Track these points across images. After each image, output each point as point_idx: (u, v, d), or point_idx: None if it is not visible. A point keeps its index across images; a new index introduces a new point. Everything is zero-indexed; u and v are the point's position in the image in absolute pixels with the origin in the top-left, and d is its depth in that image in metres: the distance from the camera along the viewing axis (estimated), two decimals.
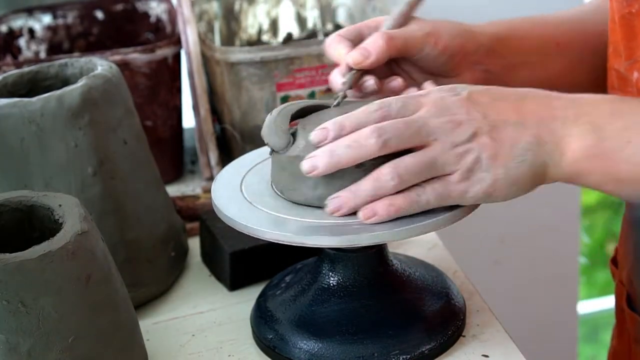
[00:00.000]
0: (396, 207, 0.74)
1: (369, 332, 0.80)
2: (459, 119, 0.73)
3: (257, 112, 1.12)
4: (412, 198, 0.73)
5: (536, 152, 0.73)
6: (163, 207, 0.95)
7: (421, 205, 0.74)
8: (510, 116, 0.74)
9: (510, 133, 0.73)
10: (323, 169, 0.74)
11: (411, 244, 0.98)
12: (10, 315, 0.69)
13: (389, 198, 0.74)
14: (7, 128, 0.84)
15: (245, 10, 1.28)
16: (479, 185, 0.73)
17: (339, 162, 0.74)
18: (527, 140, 0.73)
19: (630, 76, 0.87)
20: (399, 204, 0.73)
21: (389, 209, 0.73)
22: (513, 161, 0.73)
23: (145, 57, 1.10)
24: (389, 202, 0.73)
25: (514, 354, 0.82)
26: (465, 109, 0.74)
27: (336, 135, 0.74)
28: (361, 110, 0.75)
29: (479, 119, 0.74)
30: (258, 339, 0.85)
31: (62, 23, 1.24)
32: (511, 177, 0.73)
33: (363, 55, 0.83)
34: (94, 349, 0.73)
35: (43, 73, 0.93)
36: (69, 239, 0.71)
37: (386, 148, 0.73)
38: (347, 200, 0.75)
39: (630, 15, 0.85)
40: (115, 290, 0.76)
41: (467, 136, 0.73)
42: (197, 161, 1.20)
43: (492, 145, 0.73)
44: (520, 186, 0.74)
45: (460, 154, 0.73)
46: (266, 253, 0.94)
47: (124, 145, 0.90)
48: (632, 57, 0.86)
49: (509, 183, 0.73)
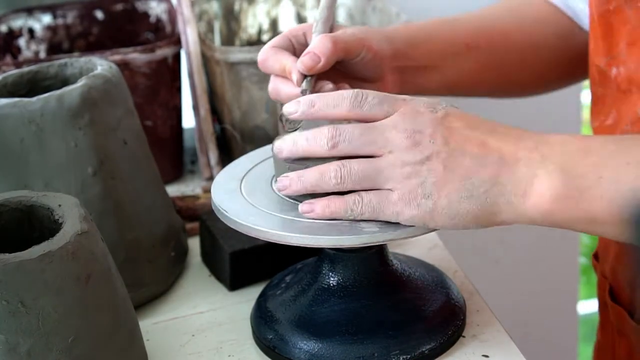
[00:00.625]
0: (331, 210, 0.75)
1: (369, 332, 0.80)
2: (418, 139, 0.72)
3: (257, 112, 1.12)
4: (347, 205, 0.74)
5: (488, 191, 0.71)
6: (163, 207, 0.95)
7: (355, 215, 0.75)
8: (473, 148, 0.72)
9: (467, 165, 0.72)
10: (286, 154, 0.77)
11: (411, 244, 0.98)
12: (10, 315, 0.69)
13: (328, 199, 0.75)
14: (7, 128, 0.84)
15: (245, 10, 1.28)
16: (416, 210, 0.72)
17: (297, 151, 0.76)
18: (480, 177, 0.71)
19: (609, 72, 0.87)
20: (335, 209, 0.75)
21: (324, 209, 0.75)
22: (459, 194, 0.71)
23: (145, 57, 1.10)
24: (327, 202, 0.75)
25: (514, 354, 0.82)
26: (432, 129, 0.73)
27: (304, 111, 0.76)
28: (337, 93, 0.76)
29: (440, 144, 0.72)
30: (258, 339, 0.85)
31: (62, 23, 1.24)
32: (452, 210, 0.72)
33: (314, 60, 0.83)
34: (94, 349, 0.73)
35: (43, 73, 0.93)
36: (68, 239, 0.71)
37: (336, 150, 0.74)
38: (292, 183, 0.76)
39: (608, 12, 0.85)
40: (115, 290, 0.76)
41: (419, 158, 0.72)
42: (197, 161, 1.20)
43: (443, 173, 0.72)
44: (460, 221, 0.72)
45: (407, 173, 0.72)
46: (266, 253, 0.94)
47: (124, 145, 0.89)
48: (610, 53, 0.86)
49: (449, 216, 0.72)
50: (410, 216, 0.73)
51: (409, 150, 0.72)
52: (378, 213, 0.74)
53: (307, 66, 0.83)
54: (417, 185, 0.72)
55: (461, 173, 0.72)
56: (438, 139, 0.72)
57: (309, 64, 0.83)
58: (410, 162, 0.72)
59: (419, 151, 0.72)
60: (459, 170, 0.72)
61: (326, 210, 0.75)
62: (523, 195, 0.71)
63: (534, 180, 0.71)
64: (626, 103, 0.86)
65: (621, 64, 0.86)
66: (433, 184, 0.72)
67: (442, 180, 0.72)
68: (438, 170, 0.72)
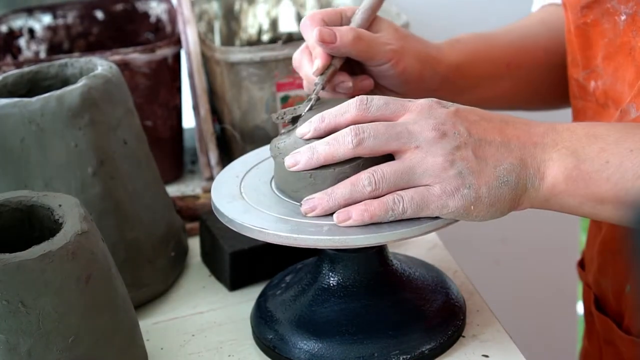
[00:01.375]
0: (370, 213, 0.73)
1: (369, 332, 0.80)
2: (443, 130, 0.73)
3: (257, 112, 1.12)
4: (388, 205, 0.73)
5: (519, 174, 0.73)
6: (163, 207, 0.95)
7: (397, 214, 0.73)
8: (495, 137, 0.73)
9: (494, 153, 0.73)
10: (303, 165, 0.75)
11: (411, 244, 0.98)
12: (11, 315, 0.69)
13: (365, 203, 0.73)
14: (7, 128, 0.84)
15: (245, 10, 1.28)
16: (461, 201, 0.72)
17: (318, 158, 0.75)
18: (510, 162, 0.73)
19: (588, 85, 0.87)
20: (374, 211, 0.73)
21: (363, 214, 0.73)
22: (496, 181, 0.72)
23: (145, 57, 1.10)
24: (364, 207, 0.73)
25: (514, 354, 0.82)
26: (452, 121, 0.73)
27: (316, 127, 0.76)
28: (343, 103, 0.76)
29: (464, 135, 0.73)
30: (258, 339, 0.85)
31: (62, 23, 1.24)
32: (493, 197, 0.72)
33: (330, 37, 0.81)
34: (94, 349, 0.73)
35: (43, 73, 0.93)
36: (69, 239, 0.71)
37: (361, 147, 0.73)
38: (322, 202, 0.75)
39: (585, 25, 0.85)
40: (115, 290, 0.76)
41: (449, 148, 0.72)
42: (197, 161, 1.20)
43: (475, 162, 0.72)
44: (499, 208, 0.73)
45: (441, 166, 0.72)
46: (266, 253, 0.94)
47: (124, 145, 0.90)
48: (588, 67, 0.86)
49: (490, 203, 0.73)
50: (455, 208, 0.72)
51: (437, 142, 0.72)
52: (422, 209, 0.73)
53: (321, 36, 0.81)
54: (455, 176, 0.72)
55: (492, 161, 0.73)
56: (461, 129, 0.73)
57: (324, 36, 0.81)
58: (442, 153, 0.72)
59: (447, 142, 0.72)
60: (489, 158, 0.73)
61: (365, 215, 0.73)
62: (542, 177, 0.73)
63: (549, 164, 0.73)
64: (606, 117, 0.86)
65: (599, 77, 0.86)
66: (470, 174, 0.72)
67: (477, 170, 0.72)
68: (470, 159, 0.72)
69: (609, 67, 0.84)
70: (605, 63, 0.84)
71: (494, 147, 0.73)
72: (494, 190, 0.72)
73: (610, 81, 0.84)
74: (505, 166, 0.72)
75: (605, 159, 0.71)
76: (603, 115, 0.86)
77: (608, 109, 0.86)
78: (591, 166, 0.72)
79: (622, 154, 0.71)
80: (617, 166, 0.71)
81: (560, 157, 0.72)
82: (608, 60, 0.84)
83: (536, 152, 0.73)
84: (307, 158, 0.75)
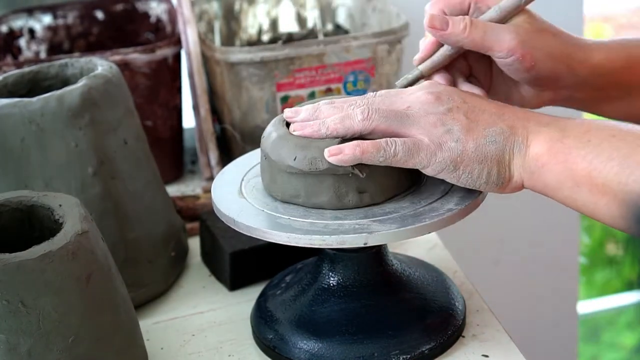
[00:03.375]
0: (362, 148, 0.75)
1: (369, 332, 0.80)
2: (438, 94, 0.77)
3: (257, 112, 1.12)
4: (380, 145, 0.75)
5: (507, 138, 0.75)
6: (163, 207, 0.95)
7: (388, 155, 0.75)
8: (490, 108, 0.77)
9: (487, 118, 0.76)
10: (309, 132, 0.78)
11: (411, 244, 0.98)
12: (11, 315, 0.69)
13: (358, 142, 0.75)
14: (7, 128, 0.84)
15: (245, 10, 1.28)
16: (448, 152, 0.75)
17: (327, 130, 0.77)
18: (500, 126, 0.75)
19: None
20: (366, 147, 0.75)
21: (355, 149, 0.75)
22: (484, 139, 0.75)
23: (145, 57, 1.10)
24: (357, 143, 0.75)
25: (514, 354, 0.82)
26: (449, 92, 0.78)
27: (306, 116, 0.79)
28: None
29: (459, 102, 0.77)
30: (258, 339, 0.85)
31: (62, 23, 1.24)
32: (480, 153, 0.75)
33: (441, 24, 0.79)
34: (94, 349, 0.73)
35: (43, 73, 0.93)
36: (69, 239, 0.71)
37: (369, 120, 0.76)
38: (317, 127, 0.77)
39: None
40: (115, 290, 0.76)
41: (442, 109, 0.76)
42: (197, 161, 1.20)
43: (466, 122, 0.75)
44: (484, 167, 0.75)
45: (432, 122, 0.75)
46: (266, 253, 0.94)
47: (124, 145, 0.90)
48: None
49: (476, 159, 0.75)
50: (443, 159, 0.75)
51: (430, 103, 0.76)
52: (413, 155, 0.75)
53: (431, 22, 0.80)
54: (444, 132, 0.75)
55: (482, 123, 0.76)
56: (456, 98, 0.77)
57: (434, 23, 0.80)
58: (434, 112, 0.76)
59: (440, 104, 0.77)
60: (480, 121, 0.76)
61: (357, 150, 0.75)
62: (528, 145, 0.75)
63: (537, 135, 0.75)
64: None
65: None
66: (459, 131, 0.75)
67: (466, 128, 0.75)
68: (461, 119, 0.76)
69: None
70: None
71: (486, 114, 0.76)
72: (481, 147, 0.75)
73: None
74: (494, 129, 0.75)
75: (587, 139, 0.73)
76: None
77: None
78: (573, 142, 0.73)
79: (603, 137, 0.72)
80: (595, 146, 0.72)
81: (550, 130, 0.75)
82: None
83: (528, 125, 0.76)
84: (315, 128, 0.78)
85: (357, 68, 1.12)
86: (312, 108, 0.80)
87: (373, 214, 0.77)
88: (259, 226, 0.76)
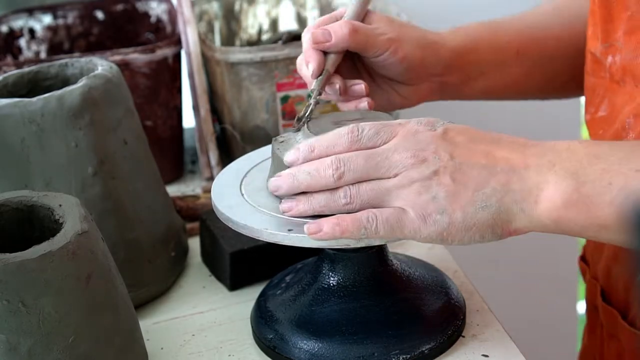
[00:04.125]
0: (342, 228, 0.72)
1: (369, 332, 0.80)
2: (423, 156, 0.72)
3: (257, 112, 1.12)
4: (361, 223, 0.72)
5: (501, 199, 0.70)
6: (163, 207, 0.95)
7: (369, 233, 0.72)
8: (480, 159, 0.71)
9: (476, 176, 0.71)
10: (285, 190, 0.76)
11: (411, 244, 0.98)
12: (11, 315, 0.69)
13: (338, 217, 0.73)
14: (7, 128, 0.84)
15: (245, 10, 1.28)
16: (433, 227, 0.71)
17: (299, 186, 0.75)
18: (492, 187, 0.70)
19: (604, 60, 0.86)
20: (346, 226, 0.72)
21: (334, 228, 0.72)
22: (473, 206, 0.70)
23: (146, 57, 1.10)
24: (336, 221, 0.73)
25: (514, 354, 0.82)
26: (434, 146, 0.72)
27: (305, 157, 0.75)
28: (333, 133, 0.75)
29: (445, 159, 0.71)
30: (258, 339, 0.85)
31: (62, 23, 1.24)
32: (468, 222, 0.71)
33: (324, 36, 0.83)
34: (94, 349, 0.73)
35: (43, 73, 0.93)
36: (69, 239, 0.71)
37: (342, 181, 0.73)
38: (300, 204, 0.75)
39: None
40: (115, 290, 0.76)
41: (427, 174, 0.71)
42: (197, 161, 1.20)
43: (453, 186, 0.71)
44: (477, 233, 0.71)
45: (416, 190, 0.71)
46: (266, 253, 0.94)
47: (124, 145, 0.90)
48: (607, 40, 0.85)
49: (465, 228, 0.71)
50: (428, 233, 0.71)
51: (415, 168, 0.71)
52: (395, 231, 0.72)
53: (315, 39, 0.83)
54: (428, 201, 0.71)
55: (472, 185, 0.71)
56: (442, 154, 0.72)
57: (318, 38, 0.83)
58: (418, 178, 0.71)
59: (425, 167, 0.71)
60: (469, 182, 0.71)
61: (336, 230, 0.72)
62: (535, 201, 0.70)
63: (545, 186, 0.70)
64: (620, 94, 0.85)
65: (617, 52, 0.84)
66: (445, 199, 0.70)
67: (453, 194, 0.70)
68: (447, 184, 0.71)
69: (630, 41, 0.82)
70: (626, 37, 0.83)
71: (475, 171, 0.71)
72: (470, 215, 0.70)
73: (630, 56, 0.82)
74: (485, 190, 0.70)
75: (608, 181, 0.68)
76: (617, 92, 0.85)
77: (624, 85, 0.84)
78: (592, 189, 0.68)
79: (626, 175, 0.68)
80: (620, 188, 0.68)
81: (558, 179, 0.69)
82: (629, 34, 0.82)
83: (528, 175, 0.70)
84: (288, 184, 0.75)
85: None
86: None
87: None
88: (258, 226, 0.76)
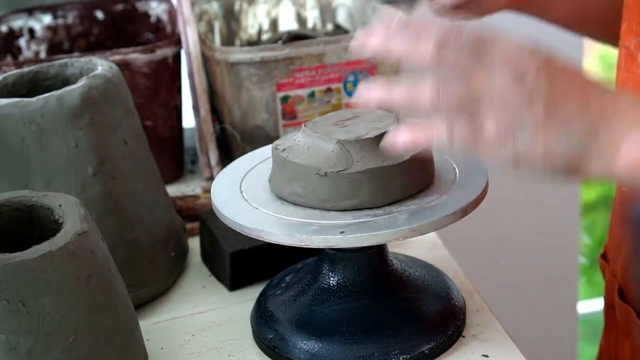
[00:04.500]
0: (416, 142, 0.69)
1: (369, 332, 0.80)
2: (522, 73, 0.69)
3: (257, 112, 1.12)
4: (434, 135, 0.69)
5: (585, 140, 0.69)
6: (163, 207, 0.95)
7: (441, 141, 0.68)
8: (575, 97, 0.70)
9: (567, 112, 0.69)
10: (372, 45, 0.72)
11: (411, 244, 0.98)
12: (11, 315, 0.69)
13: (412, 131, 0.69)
14: (7, 128, 0.84)
15: (245, 10, 1.28)
16: (512, 149, 0.68)
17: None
18: (579, 126, 0.69)
19: (637, 54, 0.85)
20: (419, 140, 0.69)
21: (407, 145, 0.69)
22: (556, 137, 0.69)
23: (145, 57, 1.10)
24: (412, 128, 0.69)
25: (514, 354, 0.82)
26: (536, 70, 0.69)
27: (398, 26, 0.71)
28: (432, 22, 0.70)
29: (544, 88, 0.69)
30: (258, 339, 0.85)
31: (62, 23, 1.24)
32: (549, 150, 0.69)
33: None
34: (94, 349, 0.73)
35: (43, 73, 0.93)
36: (69, 239, 0.71)
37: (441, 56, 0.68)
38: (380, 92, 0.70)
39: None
40: (115, 290, 0.76)
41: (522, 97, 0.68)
42: (197, 161, 1.20)
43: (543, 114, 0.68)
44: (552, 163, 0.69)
45: (506, 109, 0.68)
46: (266, 253, 0.94)
47: (124, 145, 0.90)
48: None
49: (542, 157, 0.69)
50: (505, 155, 0.69)
51: (511, 82, 0.69)
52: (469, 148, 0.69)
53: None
54: (516, 124, 0.68)
55: (560, 118, 0.69)
56: (542, 81, 0.69)
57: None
58: (512, 99, 0.68)
59: (521, 86, 0.68)
60: (559, 115, 0.69)
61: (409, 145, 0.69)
62: (615, 152, 0.69)
63: (627, 138, 0.69)
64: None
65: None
66: (532, 125, 0.68)
67: (540, 121, 0.69)
68: (538, 110, 0.68)
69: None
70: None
71: (568, 107, 0.69)
72: (551, 147, 0.69)
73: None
74: (573, 127, 0.69)
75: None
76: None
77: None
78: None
79: None
80: None
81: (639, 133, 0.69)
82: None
83: (614, 125, 0.69)
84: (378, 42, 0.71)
85: (357, 68, 1.12)
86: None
87: (374, 214, 0.77)
88: (258, 226, 0.76)
